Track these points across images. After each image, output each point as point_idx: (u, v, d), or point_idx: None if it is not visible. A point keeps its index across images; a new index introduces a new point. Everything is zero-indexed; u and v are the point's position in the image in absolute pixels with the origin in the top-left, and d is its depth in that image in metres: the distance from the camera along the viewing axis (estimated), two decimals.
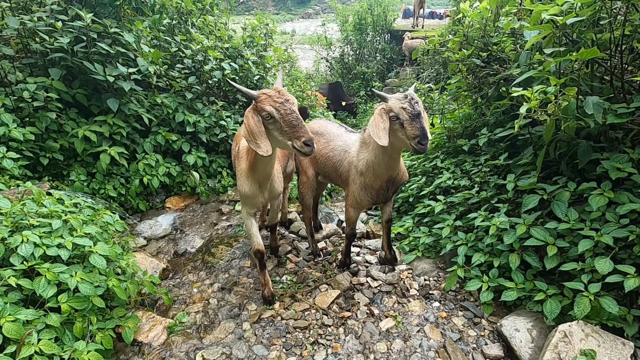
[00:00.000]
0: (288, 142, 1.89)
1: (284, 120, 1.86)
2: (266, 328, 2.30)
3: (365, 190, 2.38)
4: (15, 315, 1.69)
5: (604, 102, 1.92)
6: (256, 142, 1.88)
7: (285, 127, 1.87)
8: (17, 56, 3.55)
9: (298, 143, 1.86)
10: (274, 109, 1.86)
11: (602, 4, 2.10)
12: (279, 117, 1.87)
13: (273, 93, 1.89)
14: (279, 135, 1.91)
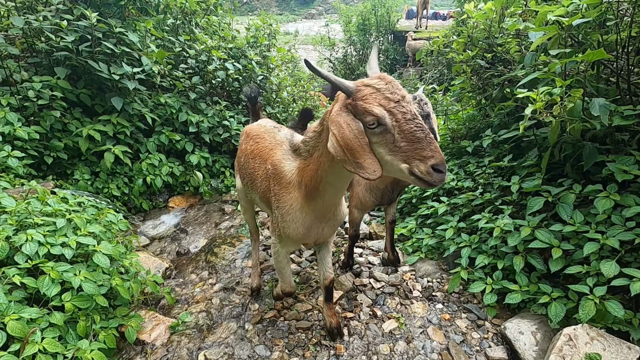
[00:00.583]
0: (402, 165, 1.22)
1: (401, 129, 1.19)
2: (268, 328, 2.30)
3: (371, 192, 2.38)
4: (20, 313, 1.69)
5: (610, 104, 1.91)
6: (356, 162, 1.24)
7: (403, 141, 1.20)
8: (23, 55, 3.57)
9: (422, 167, 1.18)
10: (385, 112, 1.20)
11: (608, 5, 2.09)
12: (394, 124, 1.20)
13: (382, 85, 1.23)
14: (387, 154, 1.24)
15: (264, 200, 1.99)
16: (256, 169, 1.99)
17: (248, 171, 2.10)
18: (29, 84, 3.26)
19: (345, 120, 1.25)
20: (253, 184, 2.06)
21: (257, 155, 1.99)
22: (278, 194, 1.76)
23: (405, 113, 1.20)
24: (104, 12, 3.66)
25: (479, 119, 3.55)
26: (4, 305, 1.67)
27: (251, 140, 2.11)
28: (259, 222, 3.64)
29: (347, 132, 1.24)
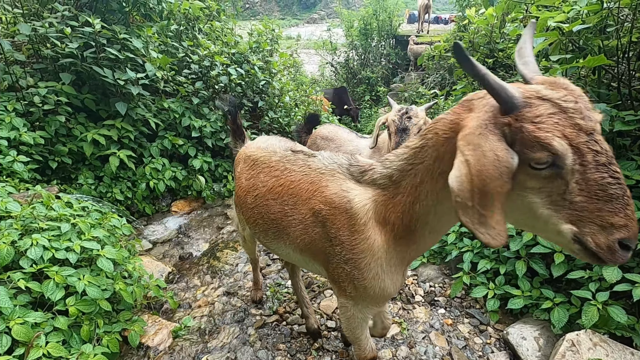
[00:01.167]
0: (564, 227, 0.83)
1: (586, 178, 0.79)
2: (271, 333, 2.30)
3: None
4: (24, 317, 1.71)
5: (611, 110, 1.92)
6: (481, 213, 0.83)
7: (582, 194, 0.80)
8: (28, 61, 3.61)
9: (601, 239, 0.80)
10: (569, 148, 0.78)
11: (608, 11, 2.10)
12: (577, 168, 0.79)
13: (569, 102, 0.79)
14: (544, 206, 0.85)
15: (310, 253, 1.46)
16: (288, 213, 1.46)
17: (267, 217, 1.57)
18: (35, 89, 3.29)
19: (492, 148, 0.81)
20: (280, 234, 1.54)
21: (285, 193, 1.47)
22: (347, 241, 1.26)
23: (598, 153, 0.78)
24: (109, 18, 3.71)
25: None
26: (9, 310, 1.69)
27: (261, 172, 1.63)
28: None
29: (490, 167, 0.80)
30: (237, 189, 1.84)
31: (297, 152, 1.59)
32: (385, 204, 1.21)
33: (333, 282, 1.45)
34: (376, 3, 11.83)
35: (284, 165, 1.56)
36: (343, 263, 1.32)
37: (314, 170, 1.43)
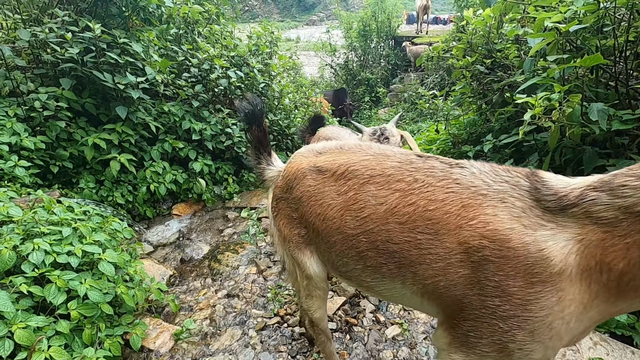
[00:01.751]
0: None
1: None
2: (272, 335, 2.31)
3: None
4: (27, 322, 1.72)
5: (608, 109, 1.93)
6: None
7: None
8: (29, 67, 3.63)
9: None
10: None
11: (605, 10, 2.11)
12: None
13: None
14: None
15: (439, 298, 1.12)
16: (422, 245, 1.09)
17: (383, 247, 1.18)
18: (35, 94, 3.31)
19: None
20: (400, 271, 1.17)
21: (420, 217, 1.10)
22: (519, 295, 0.95)
23: None
24: (108, 23, 3.73)
25: (480, 123, 3.57)
26: (11, 314, 1.70)
27: (369, 183, 1.24)
28: (262, 228, 3.66)
29: None
30: (310, 210, 1.37)
31: (427, 158, 1.22)
32: (605, 245, 0.88)
33: (457, 333, 1.09)
34: (375, 4, 11.87)
35: (413, 176, 1.17)
36: (498, 320, 0.98)
37: (467, 188, 1.07)
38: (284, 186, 1.52)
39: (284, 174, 1.55)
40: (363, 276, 1.30)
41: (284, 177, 1.54)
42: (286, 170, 1.54)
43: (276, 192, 1.58)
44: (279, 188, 1.55)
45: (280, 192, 1.54)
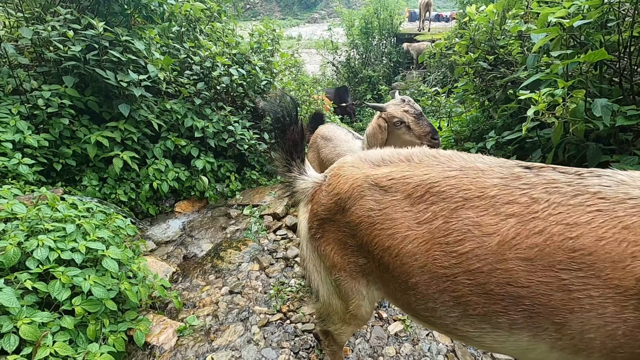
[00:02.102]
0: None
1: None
2: (275, 331, 2.32)
3: None
4: (32, 317, 1.73)
5: (612, 105, 1.91)
6: None
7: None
8: (32, 65, 3.64)
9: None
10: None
11: (609, 6, 2.10)
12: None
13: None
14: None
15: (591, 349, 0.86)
16: (568, 287, 0.84)
17: (501, 292, 0.92)
18: (38, 92, 3.32)
19: None
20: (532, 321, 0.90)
21: (556, 249, 0.85)
22: None
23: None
24: (111, 21, 3.74)
25: (483, 120, 3.56)
26: (16, 310, 1.71)
27: (464, 208, 0.98)
28: (264, 225, 3.66)
29: None
30: (374, 241, 1.12)
31: (538, 169, 0.98)
32: None
33: None
34: (377, 2, 11.82)
35: (528, 195, 0.92)
36: None
37: (621, 202, 0.84)
38: (333, 206, 1.24)
39: (330, 190, 1.26)
40: (459, 325, 1.03)
41: (331, 194, 1.25)
42: (334, 186, 1.25)
43: (318, 211, 1.29)
44: (323, 207, 1.27)
45: (327, 212, 1.26)
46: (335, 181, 1.27)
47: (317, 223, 1.31)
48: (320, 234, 1.30)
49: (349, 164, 1.28)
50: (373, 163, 1.23)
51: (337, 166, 1.33)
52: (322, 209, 1.28)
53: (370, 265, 1.19)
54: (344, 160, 1.33)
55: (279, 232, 3.60)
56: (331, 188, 1.27)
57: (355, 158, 1.31)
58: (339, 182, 1.25)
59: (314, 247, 1.34)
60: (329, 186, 1.28)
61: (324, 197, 1.29)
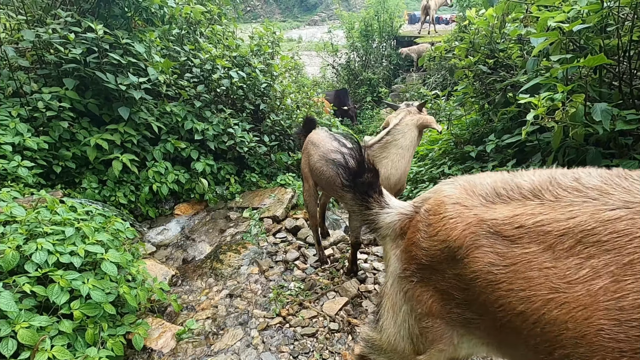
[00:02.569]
0: None
1: None
2: (274, 335, 2.31)
3: None
4: (30, 321, 1.73)
5: (612, 109, 1.91)
6: None
7: None
8: (32, 67, 3.65)
9: None
10: None
11: (609, 10, 2.10)
12: None
13: None
14: None
15: None
16: None
17: None
18: (39, 95, 3.33)
19: None
20: None
21: None
22: None
23: None
24: (111, 23, 3.74)
25: (483, 124, 3.56)
26: (14, 314, 1.70)
27: None
28: (264, 228, 3.66)
29: None
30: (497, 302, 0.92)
31: None
32: None
33: None
34: (378, 4, 11.86)
35: None
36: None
37: None
38: (437, 254, 1.04)
39: (432, 234, 1.06)
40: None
41: (434, 239, 1.05)
42: (437, 229, 1.04)
43: (418, 255, 1.10)
44: (424, 253, 1.08)
45: (429, 259, 1.07)
46: (438, 223, 1.04)
47: (415, 267, 1.13)
48: (417, 278, 1.13)
49: (451, 200, 1.05)
50: (484, 199, 0.99)
51: (435, 201, 1.10)
52: (422, 254, 1.09)
53: (484, 324, 1.00)
54: (442, 193, 1.10)
55: (278, 234, 3.59)
56: (433, 231, 1.05)
57: (458, 189, 1.06)
58: (444, 226, 1.02)
59: (404, 289, 1.18)
60: (430, 227, 1.07)
61: (424, 241, 1.08)
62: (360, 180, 1.33)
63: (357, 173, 1.34)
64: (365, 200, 1.33)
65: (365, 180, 1.33)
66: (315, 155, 2.68)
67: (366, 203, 1.33)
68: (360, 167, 1.34)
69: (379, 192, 1.33)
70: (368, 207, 1.32)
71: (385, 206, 1.31)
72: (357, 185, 1.34)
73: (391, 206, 1.30)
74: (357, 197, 1.34)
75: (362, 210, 1.34)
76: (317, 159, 2.66)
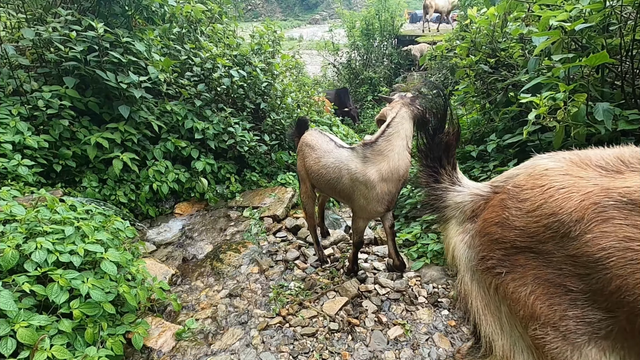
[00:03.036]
0: None
1: None
2: (274, 335, 2.30)
3: (381, 202, 2.34)
4: (29, 321, 1.72)
5: (614, 109, 1.90)
6: None
7: None
8: (33, 66, 3.64)
9: None
10: None
11: (611, 9, 2.09)
12: None
13: None
14: None
15: None
16: None
17: None
18: (39, 93, 3.32)
19: None
20: None
21: None
22: None
23: None
24: (112, 22, 3.73)
25: (484, 123, 3.55)
26: (14, 313, 1.70)
27: None
28: (264, 227, 3.65)
29: None
30: None
31: None
32: None
33: None
34: (379, 3, 11.83)
35: None
36: None
37: None
38: (540, 231, 0.88)
39: (531, 207, 0.91)
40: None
41: (535, 213, 0.90)
42: (539, 202, 0.89)
43: (505, 237, 0.95)
44: (516, 231, 0.92)
45: (525, 238, 0.91)
46: (539, 196, 0.90)
47: (502, 252, 0.95)
48: (506, 267, 0.95)
49: (557, 172, 0.91)
50: (603, 168, 0.87)
51: (531, 175, 0.96)
52: (514, 234, 0.92)
53: (617, 325, 0.80)
54: (540, 166, 0.96)
55: (278, 234, 3.59)
56: (532, 205, 0.91)
57: (563, 162, 0.94)
58: (550, 198, 0.88)
59: (490, 284, 0.99)
60: (527, 202, 0.92)
61: (518, 218, 0.92)
62: (439, 137, 1.14)
63: (438, 127, 1.13)
64: (436, 169, 1.15)
65: (444, 138, 1.14)
66: (310, 158, 2.67)
67: (436, 174, 1.15)
68: (442, 121, 1.13)
69: (453, 166, 1.16)
70: (437, 180, 1.15)
71: (456, 183, 1.15)
72: (433, 145, 1.14)
73: (463, 184, 1.14)
74: (427, 163, 1.16)
75: (428, 182, 1.16)
76: (313, 161, 2.64)
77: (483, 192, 1.09)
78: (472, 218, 1.06)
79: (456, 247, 1.08)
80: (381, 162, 2.31)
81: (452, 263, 1.13)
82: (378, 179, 2.30)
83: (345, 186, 2.45)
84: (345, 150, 2.53)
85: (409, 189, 3.68)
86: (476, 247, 1.02)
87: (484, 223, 1.01)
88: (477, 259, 1.02)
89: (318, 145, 2.68)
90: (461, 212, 1.10)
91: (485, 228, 1.00)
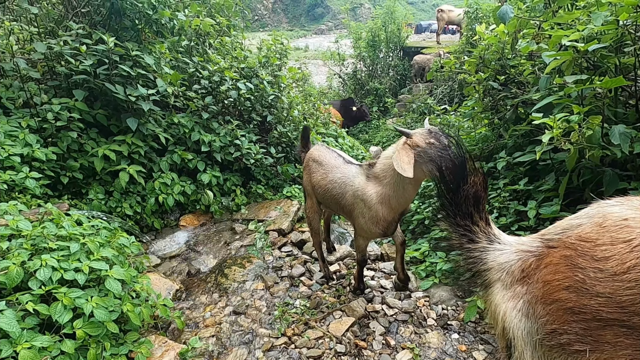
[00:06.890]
0: None
1: None
2: (279, 357, 2.25)
3: (377, 224, 2.27)
4: (32, 341, 1.69)
5: (630, 131, 1.86)
6: None
7: None
8: (43, 78, 3.68)
9: None
10: None
11: (625, 29, 2.06)
12: None
13: None
14: None
15: None
16: None
17: None
18: (48, 105, 3.34)
19: None
20: None
21: None
22: None
23: None
24: (122, 35, 3.77)
25: (493, 139, 3.51)
26: (16, 334, 1.67)
27: None
28: (269, 242, 3.61)
29: None
30: None
31: None
32: None
33: None
34: (385, 15, 11.92)
35: None
36: None
37: None
38: (634, 297, 0.71)
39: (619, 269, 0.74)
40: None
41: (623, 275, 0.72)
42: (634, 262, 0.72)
43: (583, 305, 0.77)
44: (600, 299, 0.75)
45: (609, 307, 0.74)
46: (628, 252, 0.73)
47: (581, 325, 0.77)
48: (589, 344, 0.77)
49: None
50: None
51: (604, 222, 0.79)
52: (595, 302, 0.74)
53: None
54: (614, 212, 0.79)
55: (284, 248, 3.55)
56: (622, 265, 0.73)
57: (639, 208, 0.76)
58: None
59: None
60: (609, 261, 0.74)
61: (600, 281, 0.74)
62: (464, 190, 0.97)
63: (459, 175, 0.95)
64: (468, 228, 0.97)
65: (471, 190, 0.97)
66: (317, 174, 2.64)
67: (469, 232, 0.98)
68: (462, 169, 0.97)
69: (485, 219, 1.00)
70: (472, 239, 0.99)
71: (495, 240, 0.99)
72: (460, 201, 0.96)
73: (503, 241, 0.97)
74: (458, 222, 0.99)
75: (462, 243, 0.99)
76: (320, 177, 2.61)
77: (532, 248, 0.93)
78: (523, 279, 0.90)
79: (507, 316, 0.90)
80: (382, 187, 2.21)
81: (502, 335, 0.94)
82: (377, 200, 2.23)
83: (347, 202, 2.41)
84: (353, 167, 2.50)
85: (416, 205, 3.63)
86: (540, 317, 0.84)
87: (547, 287, 0.82)
88: (543, 333, 0.83)
89: (326, 160, 2.65)
90: (508, 273, 0.94)
91: (551, 293, 0.81)
